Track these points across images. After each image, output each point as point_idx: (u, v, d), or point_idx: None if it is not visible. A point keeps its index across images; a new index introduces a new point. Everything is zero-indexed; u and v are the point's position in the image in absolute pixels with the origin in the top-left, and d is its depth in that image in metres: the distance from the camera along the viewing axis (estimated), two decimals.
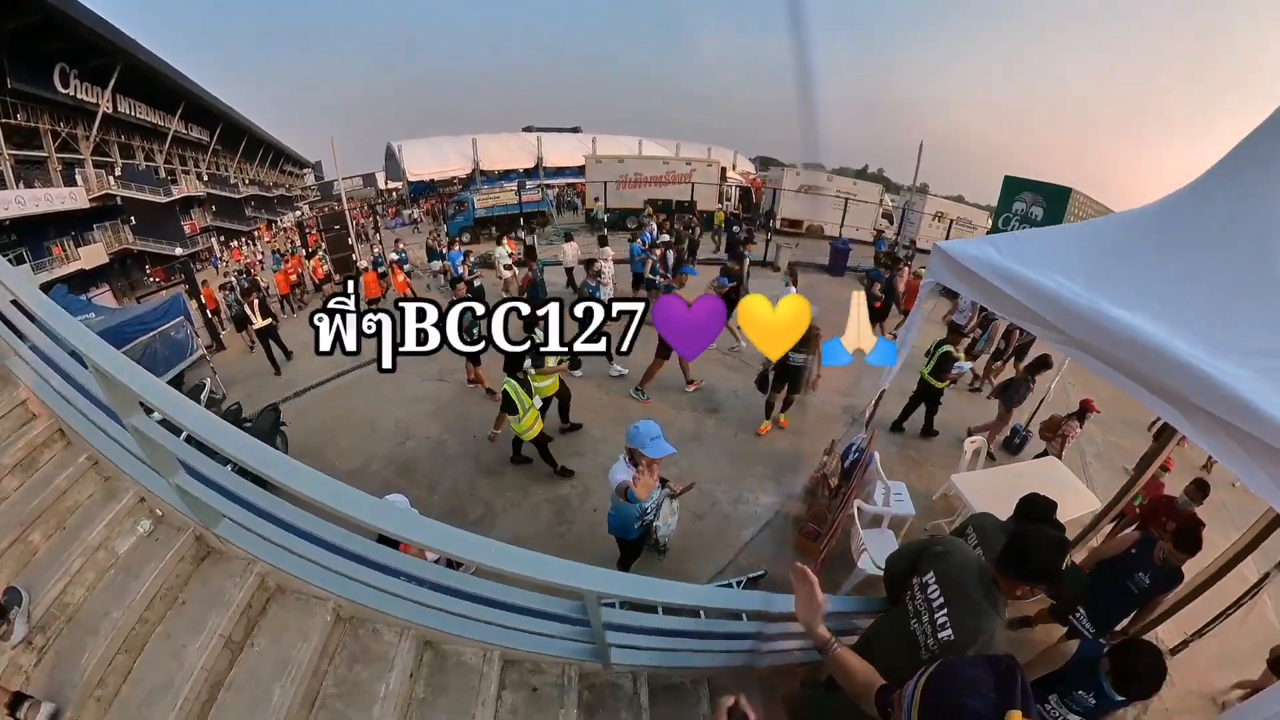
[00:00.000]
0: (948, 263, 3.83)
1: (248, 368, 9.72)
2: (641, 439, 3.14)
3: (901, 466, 5.92)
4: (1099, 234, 3.33)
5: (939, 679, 1.09)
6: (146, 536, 2.64)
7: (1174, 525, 3.81)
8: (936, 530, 4.90)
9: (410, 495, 5.36)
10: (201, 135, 33.42)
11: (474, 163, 31.67)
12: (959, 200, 23.82)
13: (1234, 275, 2.53)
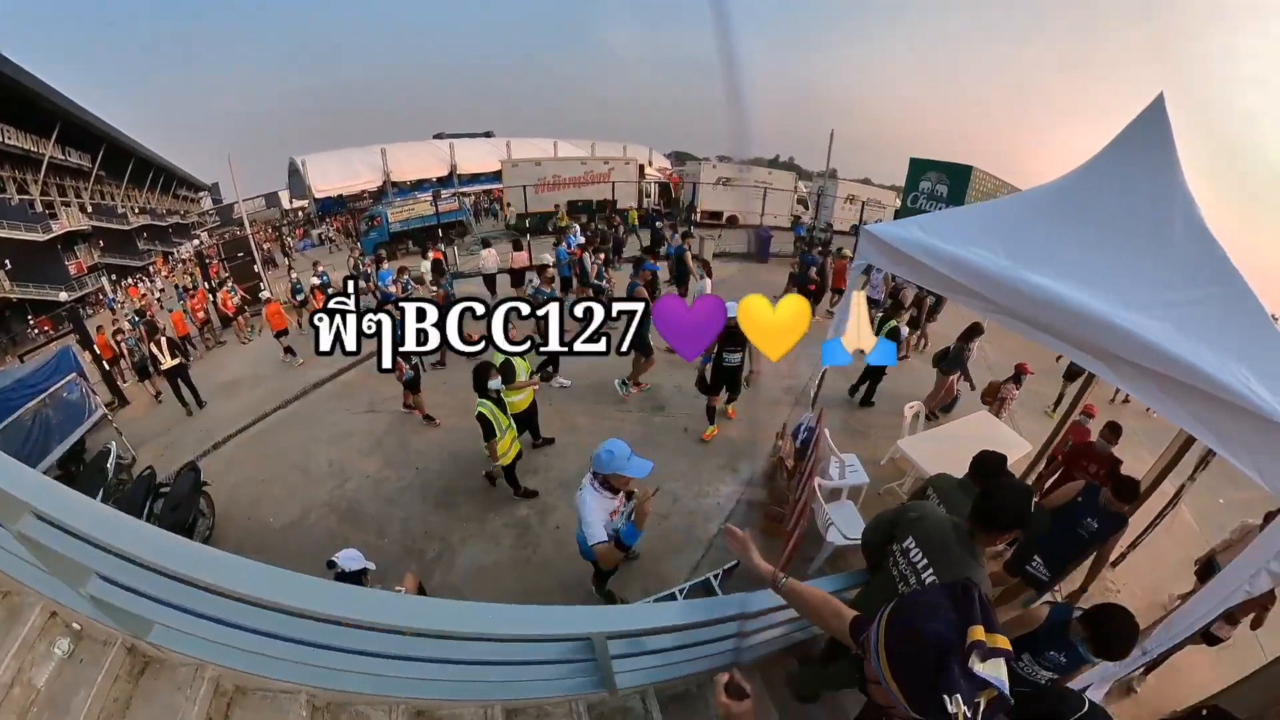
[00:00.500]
0: (876, 244, 4.02)
1: (157, 422, 8.72)
2: (618, 462, 2.89)
3: (848, 439, 6.18)
4: (1011, 210, 3.61)
5: (899, 611, 1.09)
6: (68, 659, 2.19)
7: (1095, 467, 4.41)
8: (889, 493, 5.24)
9: (359, 542, 5.02)
10: (82, 161, 29.70)
11: (384, 174, 30.06)
12: (866, 183, 25.10)
13: (1134, 240, 2.83)
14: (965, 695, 0.93)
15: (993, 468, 2.98)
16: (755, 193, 19.62)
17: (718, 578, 3.88)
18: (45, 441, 5.75)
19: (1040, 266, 2.98)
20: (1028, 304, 2.96)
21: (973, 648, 0.97)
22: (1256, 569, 2.31)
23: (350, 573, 3.28)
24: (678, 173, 31.75)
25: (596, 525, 2.92)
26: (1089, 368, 2.85)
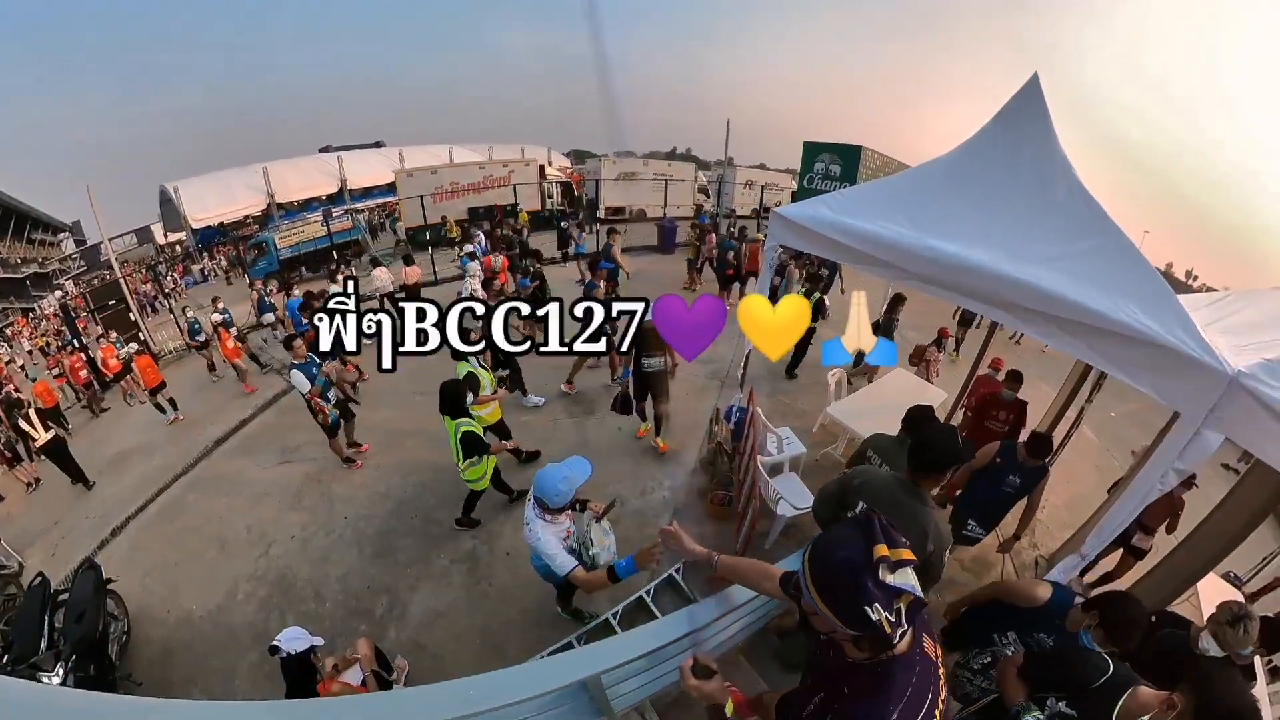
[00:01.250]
0: (788, 225, 4.19)
1: (41, 515, 7.51)
2: (551, 487, 2.74)
3: (778, 414, 6.44)
4: (911, 184, 3.86)
5: (815, 550, 1.23)
6: None
7: (1005, 414, 4.90)
8: (826, 458, 5.57)
9: (297, 612, 4.72)
10: None
11: (268, 196, 27.44)
12: (762, 168, 25.95)
13: (1024, 202, 3.17)
14: (883, 603, 1.09)
15: (925, 418, 3.20)
16: (655, 185, 19.79)
17: (679, 571, 3.88)
18: None
19: (943, 234, 3.26)
20: (938, 269, 3.23)
21: (879, 563, 1.11)
22: (1164, 470, 2.68)
23: (297, 654, 3.00)
24: (578, 171, 31.37)
25: (560, 555, 2.81)
26: (995, 318, 3.21)
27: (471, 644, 4.12)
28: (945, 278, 3.22)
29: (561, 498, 2.78)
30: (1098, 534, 3.08)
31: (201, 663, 4.41)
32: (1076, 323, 2.73)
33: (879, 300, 7.79)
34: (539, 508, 2.86)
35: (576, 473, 2.80)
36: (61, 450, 7.87)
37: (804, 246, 4.18)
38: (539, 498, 2.82)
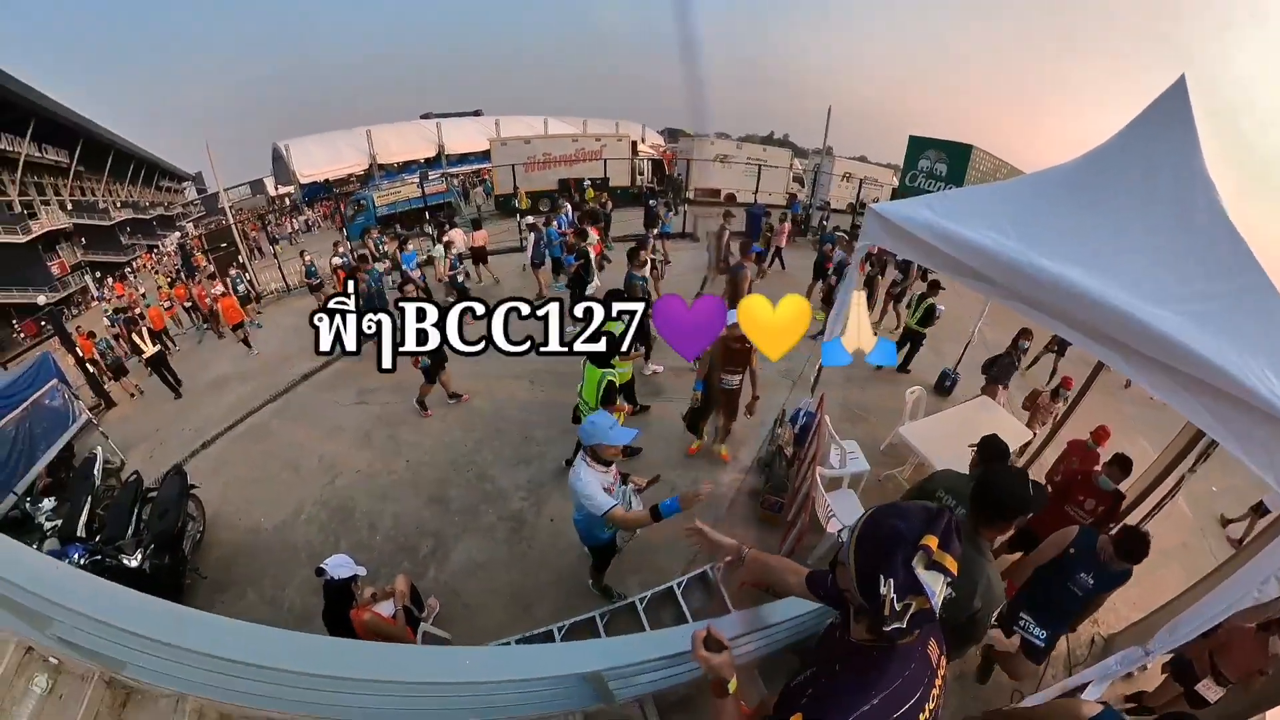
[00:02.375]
0: (883, 224, 3.86)
1: (145, 423, 8.61)
2: (601, 432, 2.91)
3: (848, 423, 6.13)
4: (1023, 191, 3.48)
5: (880, 510, 1.21)
6: (48, 695, 2.14)
7: (1092, 502, 3.99)
8: (890, 480, 5.21)
9: (351, 540, 5.10)
10: (59, 157, 29.00)
11: (370, 157, 29.49)
12: (863, 160, 24.73)
13: (1155, 225, 2.73)
14: (898, 585, 1.08)
15: (999, 452, 2.95)
16: (748, 170, 19.36)
17: (715, 569, 3.84)
18: (31, 451, 5.74)
19: (1055, 252, 2.85)
20: (1043, 292, 2.82)
21: (921, 550, 1.08)
22: (1266, 575, 2.29)
23: (339, 580, 3.23)
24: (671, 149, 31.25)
25: (598, 495, 2.93)
26: (1102, 358, 2.77)
27: (503, 598, 4.29)
28: (1050, 303, 2.83)
29: (585, 436, 2.96)
30: (1171, 631, 2.67)
31: (260, 569, 4.94)
32: (1198, 380, 2.33)
33: (973, 315, 7.24)
34: (583, 451, 3.03)
35: (605, 422, 2.93)
36: (163, 362, 9.29)
37: (898, 249, 3.88)
38: (588, 444, 2.98)
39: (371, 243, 12.44)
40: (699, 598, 3.77)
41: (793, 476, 4.69)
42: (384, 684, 1.92)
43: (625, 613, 3.72)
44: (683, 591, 3.75)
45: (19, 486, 5.38)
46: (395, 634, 3.30)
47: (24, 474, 5.52)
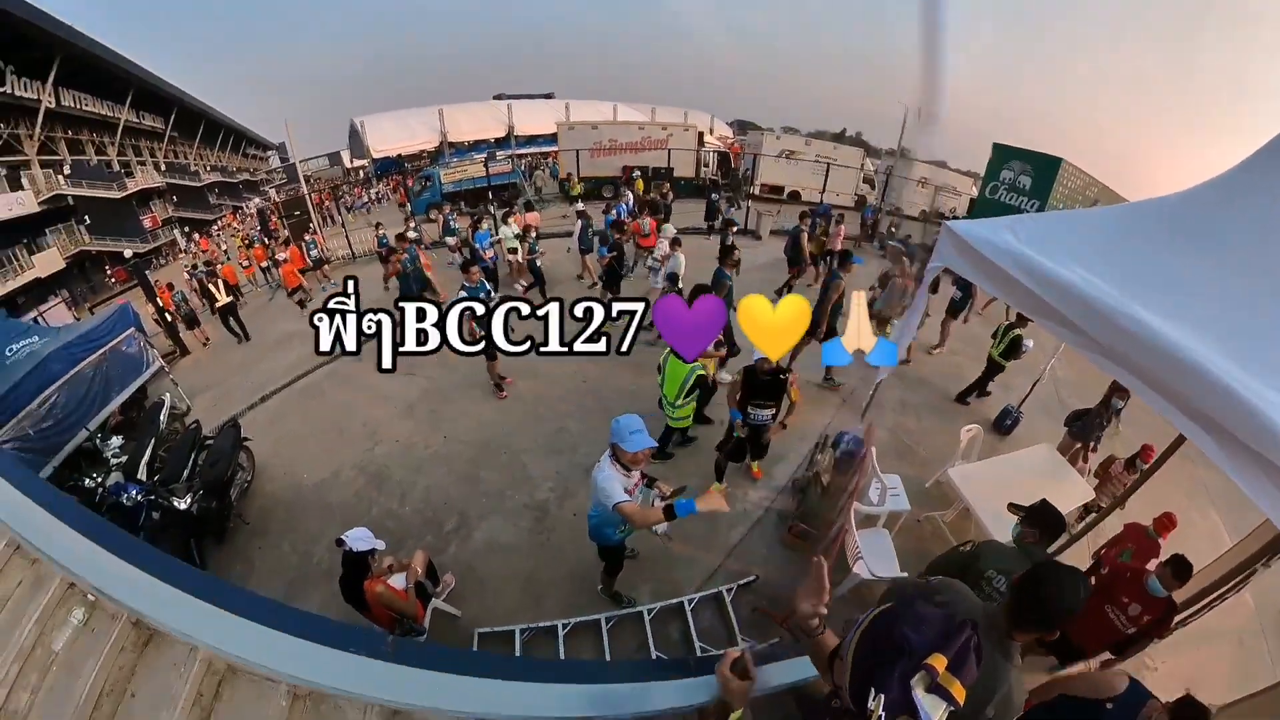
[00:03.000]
0: (958, 245, 3.49)
1: (212, 373, 9.31)
2: (620, 433, 2.90)
3: (893, 454, 5.66)
4: (1123, 223, 3.08)
5: (899, 607, 1.12)
6: (82, 627, 2.37)
7: (1137, 607, 3.29)
8: (929, 523, 4.78)
9: (381, 507, 5.30)
10: (155, 123, 31.67)
11: (441, 135, 30.49)
12: (941, 166, 23.39)
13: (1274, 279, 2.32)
14: (889, 702, 0.96)
15: (1053, 524, 2.64)
16: (816, 168, 18.72)
17: (730, 591, 3.75)
18: (105, 392, 6.23)
19: (1156, 302, 2.41)
20: (1135, 349, 2.39)
21: (925, 670, 0.98)
22: None
23: (357, 553, 3.35)
24: (739, 142, 30.71)
25: (616, 490, 2.89)
26: (1190, 435, 2.31)
27: (516, 585, 4.34)
28: (1143, 363, 2.37)
29: (612, 433, 2.93)
30: None
31: (297, 522, 5.25)
32: None
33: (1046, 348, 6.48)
34: (610, 450, 3.00)
35: (629, 425, 2.90)
36: (232, 312, 10.38)
37: (972, 274, 3.50)
38: (611, 441, 2.96)
39: (443, 218, 12.72)
40: (708, 618, 3.71)
41: (826, 506, 4.39)
42: None
43: (631, 621, 3.69)
44: (693, 609, 3.69)
45: (92, 423, 5.85)
46: (404, 607, 3.39)
47: (98, 412, 6.00)
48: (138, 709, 2.23)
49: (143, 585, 2.00)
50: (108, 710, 2.24)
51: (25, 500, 2.47)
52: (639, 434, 2.89)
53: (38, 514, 2.38)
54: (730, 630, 3.61)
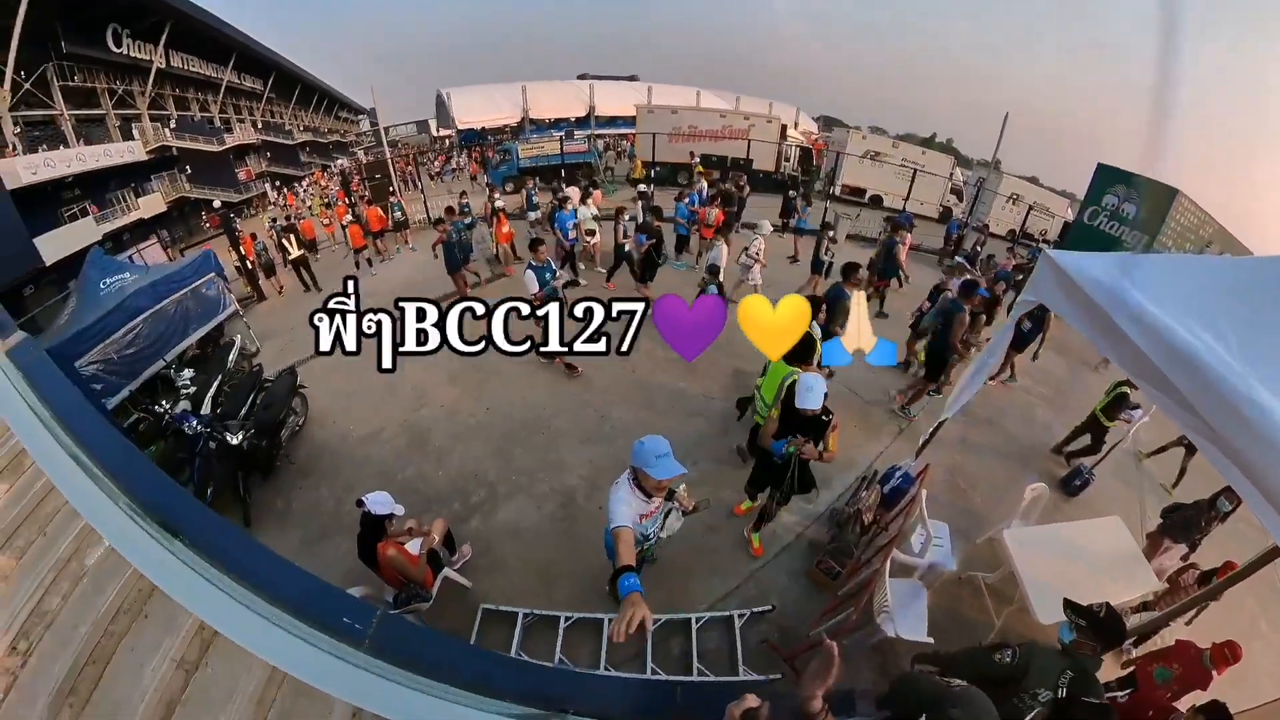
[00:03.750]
0: (1060, 280, 2.96)
1: (284, 319, 9.89)
2: (645, 457, 2.63)
3: (946, 499, 5.09)
4: (1263, 281, 2.56)
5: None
6: (111, 550, 2.58)
7: None
8: (969, 582, 4.25)
9: (416, 468, 5.47)
10: (255, 85, 34.04)
11: (523, 111, 31.08)
12: (1034, 182, 21.58)
13: None
14: None
15: (1115, 637, 2.34)
16: (902, 172, 17.70)
17: (742, 618, 3.60)
18: (184, 328, 6.84)
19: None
20: (1251, 443, 1.98)
21: None
22: None
23: (375, 516, 3.43)
24: (823, 138, 29.66)
25: (620, 511, 2.64)
26: None
27: (530, 568, 4.35)
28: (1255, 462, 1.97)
29: (633, 456, 2.68)
30: None
31: (337, 471, 5.54)
32: None
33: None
34: (630, 471, 2.75)
35: (655, 449, 2.61)
36: (304, 264, 11.34)
37: (1070, 313, 2.97)
38: (632, 464, 2.70)
39: (526, 193, 12.79)
40: (713, 640, 3.57)
41: (862, 545, 4.04)
42: None
43: None
44: (699, 627, 3.56)
45: (169, 355, 6.42)
46: (413, 573, 3.46)
47: (175, 345, 6.57)
48: (149, 629, 2.39)
49: (148, 550, 2.02)
50: (123, 625, 2.41)
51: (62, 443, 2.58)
52: (666, 458, 2.60)
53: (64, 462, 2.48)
54: (734, 658, 3.45)
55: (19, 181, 17.24)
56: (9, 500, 2.92)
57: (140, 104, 24.81)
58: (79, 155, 20.40)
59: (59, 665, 2.30)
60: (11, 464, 3.03)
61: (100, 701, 2.27)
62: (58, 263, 16.85)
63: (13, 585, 2.58)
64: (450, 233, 8.78)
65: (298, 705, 2.22)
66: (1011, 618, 3.80)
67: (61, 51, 20.15)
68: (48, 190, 18.84)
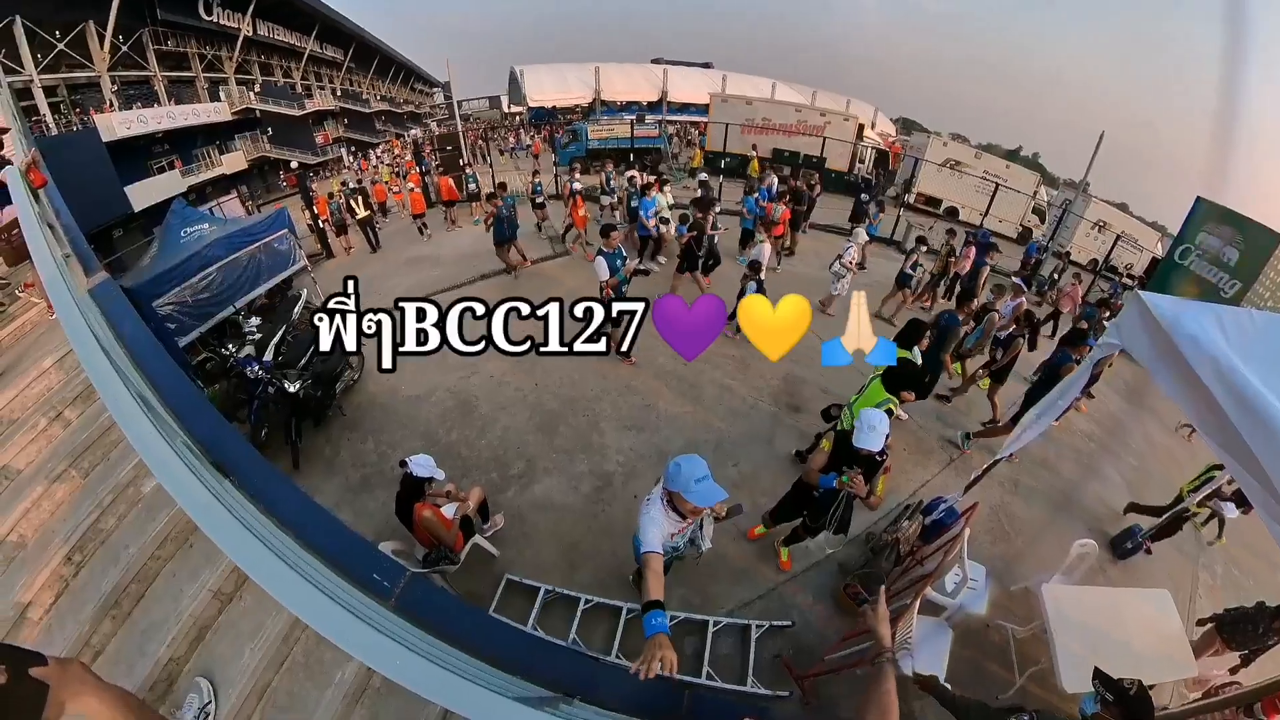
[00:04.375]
0: (1149, 326, 2.62)
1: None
2: (682, 481, 2.43)
3: (987, 536, 4.80)
4: None
5: None
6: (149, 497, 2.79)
7: None
8: (997, 631, 3.93)
9: (460, 434, 5.62)
10: (336, 54, 35.94)
11: (595, 92, 31.17)
12: (1123, 209, 19.90)
13: None
14: None
15: (1142, 713, 2.14)
16: (982, 185, 16.62)
17: (760, 629, 3.52)
18: (255, 278, 7.22)
19: None
20: None
21: None
22: None
23: (416, 478, 3.54)
24: (900, 142, 28.51)
25: (651, 533, 2.47)
26: None
27: (558, 546, 4.38)
28: None
29: (667, 478, 2.53)
30: None
31: (384, 426, 5.76)
32: None
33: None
34: (663, 489, 2.59)
35: (692, 472, 2.44)
36: (370, 224, 12.27)
37: (1155, 367, 2.66)
38: (667, 487, 2.55)
39: (604, 175, 12.41)
40: (727, 646, 3.51)
41: (894, 575, 3.82)
42: None
43: None
44: (714, 632, 3.50)
45: (239, 302, 6.81)
46: (444, 536, 3.56)
47: (245, 294, 6.97)
48: (191, 559, 2.58)
49: (193, 491, 2.07)
50: (169, 551, 2.60)
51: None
52: (705, 482, 2.40)
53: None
54: (744, 669, 3.38)
55: (114, 135, 18.97)
56: (79, 426, 3.17)
57: (228, 68, 26.80)
58: (169, 113, 22.32)
59: (107, 580, 2.50)
60: (85, 392, 3.29)
61: (139, 618, 2.45)
62: (144, 210, 18.48)
63: (74, 503, 2.81)
64: (501, 209, 9.05)
65: (320, 649, 2.33)
66: (1033, 677, 3.57)
67: (156, 18, 22.00)
68: (139, 144, 20.65)
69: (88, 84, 21.06)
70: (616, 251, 6.29)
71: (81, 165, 14.73)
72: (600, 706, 1.71)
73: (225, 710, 2.18)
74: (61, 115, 20.07)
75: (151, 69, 23.06)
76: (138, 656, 2.28)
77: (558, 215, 11.68)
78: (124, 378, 2.19)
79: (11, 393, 3.50)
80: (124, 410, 2.01)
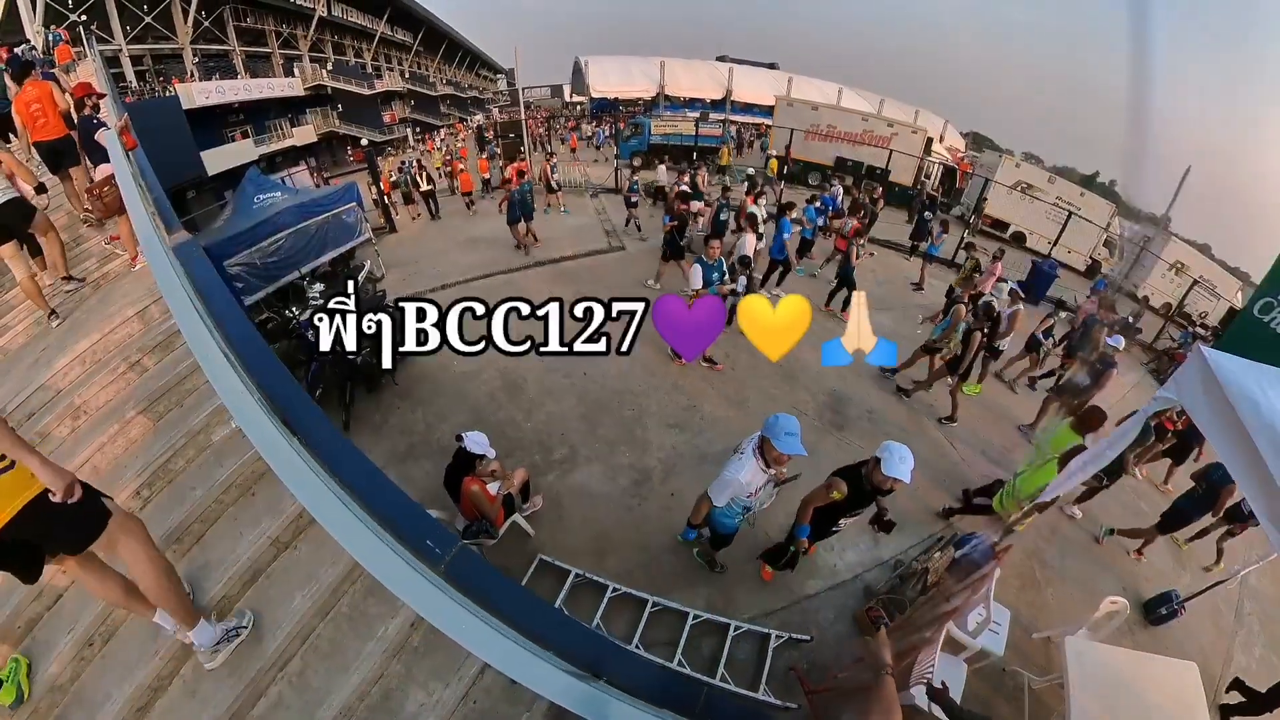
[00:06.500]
0: (1208, 385, 2.49)
1: (409, 253, 10.80)
2: (775, 430, 3.05)
3: (1016, 580, 4.58)
4: None
5: None
6: (236, 431, 2.97)
7: None
8: (1013, 678, 3.80)
9: (507, 414, 5.81)
10: (405, 37, 37.44)
11: (659, 86, 31.20)
12: (1204, 251, 17.47)
13: None
14: None
15: None
16: (1053, 212, 15.52)
17: (779, 639, 3.55)
18: (321, 246, 7.69)
19: None
20: None
21: None
22: None
23: (469, 453, 3.73)
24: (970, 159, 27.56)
25: (734, 482, 3.14)
26: None
27: (590, 533, 4.48)
28: None
29: (766, 427, 3.11)
30: None
31: (435, 399, 5.98)
32: None
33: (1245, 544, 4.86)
34: (759, 449, 3.17)
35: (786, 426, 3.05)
36: (432, 195, 13.62)
37: (1206, 423, 2.54)
38: (763, 433, 3.13)
39: (690, 175, 12.03)
40: (744, 651, 3.55)
41: (918, 604, 3.70)
42: None
43: (672, 618, 3.67)
44: (734, 636, 3.55)
45: (305, 268, 7.19)
46: (488, 510, 3.75)
47: (312, 260, 7.40)
48: (253, 506, 2.76)
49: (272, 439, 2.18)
50: (233, 497, 2.79)
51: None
52: (793, 437, 3.01)
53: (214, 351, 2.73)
54: (758, 675, 3.42)
55: (193, 103, 20.51)
56: (158, 372, 3.42)
57: (302, 46, 28.48)
58: (245, 86, 23.90)
59: (172, 517, 2.70)
60: (165, 342, 3.53)
61: (198, 555, 2.65)
62: (217, 175, 19.85)
63: (147, 443, 3.04)
64: (515, 193, 9.97)
65: (366, 603, 2.47)
66: None
67: None
68: (216, 113, 22.18)
69: (171, 55, 22.82)
70: (717, 263, 6.17)
71: (162, 129, 15.89)
72: (626, 691, 1.77)
73: (271, 647, 2.31)
74: (145, 83, 21.83)
75: (231, 44, 24.79)
76: (192, 590, 2.46)
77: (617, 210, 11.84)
78: (210, 331, 2.34)
79: (96, 335, 3.78)
80: (212, 361, 2.16)
